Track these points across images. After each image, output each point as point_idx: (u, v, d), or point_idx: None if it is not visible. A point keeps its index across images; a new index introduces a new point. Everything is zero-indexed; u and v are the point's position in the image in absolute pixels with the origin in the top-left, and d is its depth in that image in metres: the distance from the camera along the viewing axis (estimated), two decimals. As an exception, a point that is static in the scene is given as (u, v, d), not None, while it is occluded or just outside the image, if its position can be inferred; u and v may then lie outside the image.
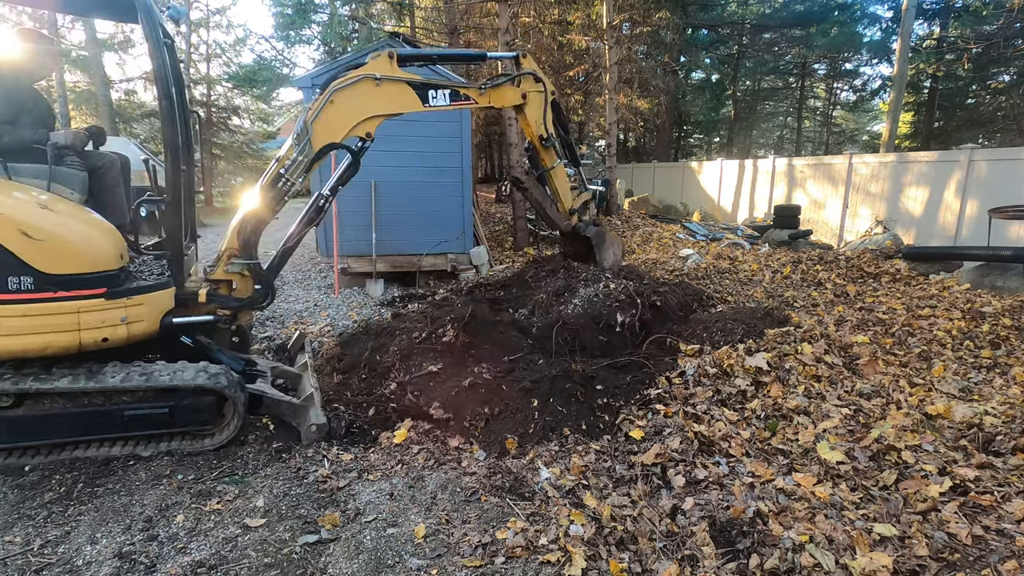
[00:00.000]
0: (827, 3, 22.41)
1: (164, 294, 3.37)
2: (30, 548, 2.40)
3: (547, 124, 4.89)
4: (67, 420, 3.04)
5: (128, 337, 3.17)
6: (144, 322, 3.23)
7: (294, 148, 3.63)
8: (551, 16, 15.22)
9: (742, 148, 29.26)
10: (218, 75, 24.59)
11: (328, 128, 3.72)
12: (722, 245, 10.24)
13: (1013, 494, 2.48)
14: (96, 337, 3.04)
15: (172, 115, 3.28)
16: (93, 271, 3.00)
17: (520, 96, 4.68)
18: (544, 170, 5.13)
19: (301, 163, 3.66)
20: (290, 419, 3.55)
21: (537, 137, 4.90)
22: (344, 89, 3.74)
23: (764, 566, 2.19)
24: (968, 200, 9.33)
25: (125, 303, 3.12)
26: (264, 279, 3.73)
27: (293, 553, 2.37)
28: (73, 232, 2.98)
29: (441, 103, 4.22)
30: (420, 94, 4.12)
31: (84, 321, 2.98)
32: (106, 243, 3.09)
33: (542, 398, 3.45)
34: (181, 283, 3.52)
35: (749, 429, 3.14)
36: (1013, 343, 4.44)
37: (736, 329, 4.39)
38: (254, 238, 3.69)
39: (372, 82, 3.84)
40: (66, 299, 2.94)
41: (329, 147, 3.76)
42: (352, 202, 7.29)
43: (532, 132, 4.90)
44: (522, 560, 2.28)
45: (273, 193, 3.65)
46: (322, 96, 3.70)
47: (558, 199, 5.25)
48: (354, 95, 3.79)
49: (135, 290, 3.19)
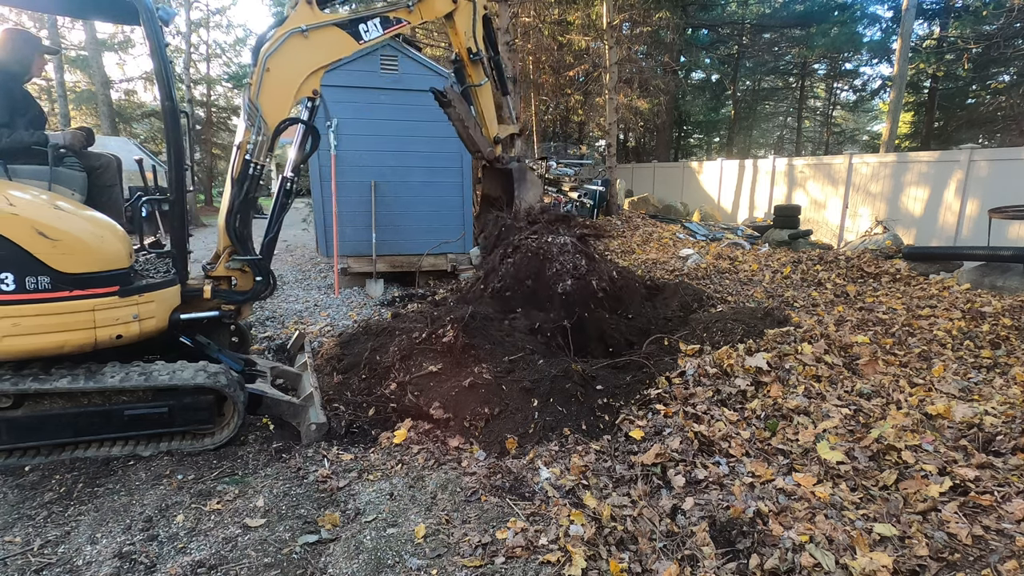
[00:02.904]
0: (827, 3, 22.41)
1: (172, 291, 3.44)
2: (30, 548, 2.40)
3: (476, 38, 4.74)
4: (67, 420, 3.04)
5: (140, 334, 3.24)
6: (155, 319, 3.30)
7: (250, 130, 3.58)
8: (551, 16, 15.23)
9: (742, 148, 29.26)
10: (218, 75, 24.61)
11: (275, 97, 3.63)
12: (722, 245, 10.24)
13: (1013, 494, 2.48)
14: (111, 334, 3.10)
15: (175, 115, 3.30)
16: (106, 269, 3.05)
17: (451, 2, 4.49)
18: (470, 86, 4.93)
19: (262, 143, 3.61)
20: (290, 419, 3.55)
21: (465, 49, 4.74)
22: (276, 53, 3.61)
23: (764, 566, 2.19)
24: (968, 200, 9.34)
25: (137, 300, 3.19)
26: (264, 270, 3.78)
27: (293, 553, 2.37)
28: (86, 231, 3.02)
29: (376, 35, 4.06)
30: (351, 32, 3.95)
31: (99, 319, 3.03)
32: (117, 242, 3.15)
33: (542, 398, 3.45)
34: (185, 280, 3.58)
35: (749, 429, 3.13)
36: (1013, 343, 4.44)
37: (736, 329, 4.39)
38: (246, 230, 3.71)
39: (300, 36, 3.69)
40: (82, 297, 2.98)
41: (285, 123, 3.70)
42: (352, 202, 7.30)
43: (460, 43, 4.73)
44: (522, 560, 2.28)
45: (246, 181, 3.64)
46: (257, 67, 3.59)
47: (483, 121, 5.04)
48: (287, 55, 3.66)
49: (146, 287, 3.26)
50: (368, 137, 7.00)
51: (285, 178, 3.84)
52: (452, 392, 3.53)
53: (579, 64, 16.75)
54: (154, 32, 3.16)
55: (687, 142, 32.74)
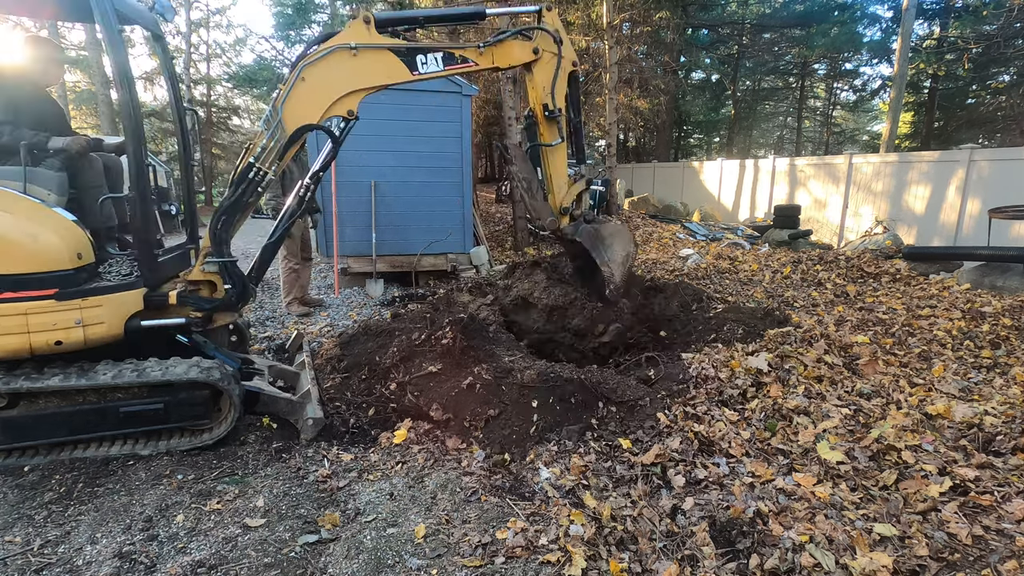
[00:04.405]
0: (827, 3, 22.42)
1: (129, 295, 3.18)
2: (30, 548, 2.40)
3: (556, 94, 4.16)
4: (62, 419, 3.02)
5: (86, 340, 3.03)
6: (104, 324, 3.07)
7: (263, 134, 3.39)
8: (551, 16, 15.20)
9: (742, 148, 29.26)
10: (218, 75, 24.63)
11: (300, 109, 3.41)
12: (722, 245, 10.24)
13: (1013, 494, 2.48)
14: (48, 340, 2.93)
15: (134, 110, 3.12)
16: (40, 271, 2.88)
17: (531, 52, 3.97)
18: (540, 145, 4.32)
19: (273, 149, 3.39)
20: (288, 416, 3.55)
21: (542, 106, 4.16)
22: (315, 64, 3.39)
23: (764, 566, 2.19)
24: (969, 199, 9.34)
25: (80, 304, 2.97)
26: (237, 278, 3.49)
27: (293, 553, 2.37)
28: (18, 231, 2.85)
29: (433, 69, 3.71)
30: (407, 61, 3.63)
31: (33, 323, 2.88)
32: (57, 242, 2.93)
33: (542, 398, 3.45)
34: (153, 284, 3.32)
35: (749, 429, 3.13)
36: (1013, 343, 4.44)
37: (736, 329, 4.40)
38: (225, 233, 3.47)
39: (347, 52, 3.45)
40: (12, 300, 2.84)
41: (305, 128, 3.44)
42: (352, 202, 7.30)
43: (537, 96, 4.15)
44: (522, 560, 2.28)
45: (244, 184, 3.41)
46: (291, 74, 3.39)
47: (550, 186, 4.41)
48: (328, 69, 3.43)
49: (91, 291, 3.03)
50: (368, 137, 6.99)
51: (302, 184, 3.65)
52: (452, 392, 3.53)
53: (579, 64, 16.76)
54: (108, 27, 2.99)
55: (687, 142, 32.74)
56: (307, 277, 6.61)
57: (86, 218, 3.27)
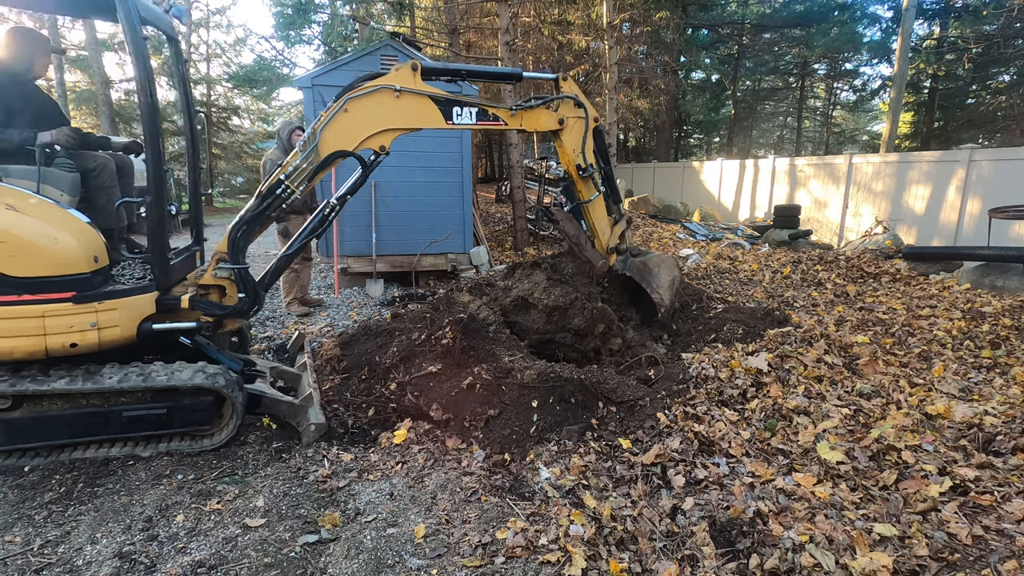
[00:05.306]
0: (827, 3, 22.41)
1: (142, 299, 3.21)
2: (30, 548, 2.40)
3: (586, 153, 4.45)
4: (65, 422, 3.02)
5: (100, 343, 3.05)
6: (118, 328, 3.09)
7: (299, 154, 3.52)
8: (551, 16, 15.21)
9: (742, 148, 29.25)
10: (218, 75, 24.64)
11: (338, 136, 3.58)
12: (722, 245, 10.24)
13: (1013, 494, 2.48)
14: (63, 342, 2.94)
15: (153, 112, 3.13)
16: (59, 274, 2.89)
17: (556, 122, 4.27)
18: (580, 203, 4.67)
19: (305, 170, 3.53)
20: (289, 419, 3.55)
21: (575, 167, 4.46)
22: (360, 99, 3.59)
23: (764, 566, 2.19)
24: (969, 199, 9.34)
25: (96, 307, 3.00)
26: (250, 286, 3.55)
27: (293, 553, 2.37)
28: (38, 233, 2.86)
29: (467, 122, 3.94)
30: (444, 110, 3.86)
31: (50, 326, 2.89)
32: (75, 245, 2.95)
33: (542, 398, 3.45)
34: (166, 287, 3.34)
35: (749, 429, 3.13)
36: (1013, 343, 4.44)
37: (736, 329, 4.40)
38: (243, 242, 3.56)
39: (391, 93, 3.66)
40: (30, 303, 2.85)
41: (337, 155, 3.59)
42: (352, 202, 7.16)
43: (569, 160, 4.45)
44: (522, 560, 2.28)
45: (271, 199, 3.54)
46: (335, 104, 3.56)
47: (595, 234, 4.76)
48: (370, 106, 3.64)
49: (108, 294, 3.05)
50: (368, 137, 6.98)
51: (328, 203, 3.72)
52: (452, 392, 3.53)
53: (579, 64, 16.73)
54: (132, 28, 3.01)
55: (687, 142, 32.73)
56: (307, 277, 6.62)
57: (99, 219, 3.26)
